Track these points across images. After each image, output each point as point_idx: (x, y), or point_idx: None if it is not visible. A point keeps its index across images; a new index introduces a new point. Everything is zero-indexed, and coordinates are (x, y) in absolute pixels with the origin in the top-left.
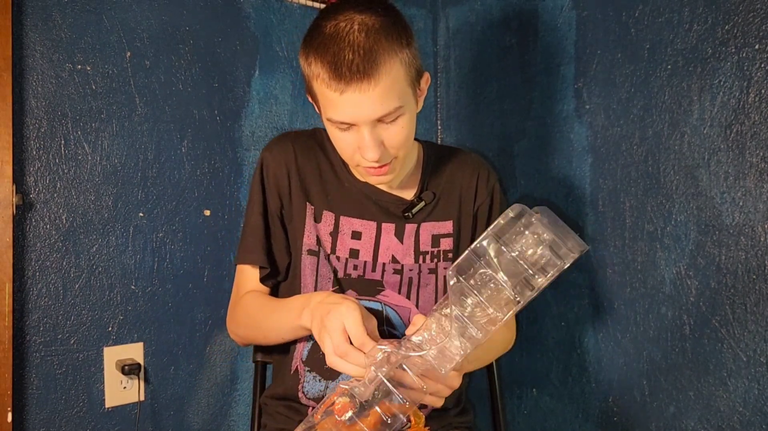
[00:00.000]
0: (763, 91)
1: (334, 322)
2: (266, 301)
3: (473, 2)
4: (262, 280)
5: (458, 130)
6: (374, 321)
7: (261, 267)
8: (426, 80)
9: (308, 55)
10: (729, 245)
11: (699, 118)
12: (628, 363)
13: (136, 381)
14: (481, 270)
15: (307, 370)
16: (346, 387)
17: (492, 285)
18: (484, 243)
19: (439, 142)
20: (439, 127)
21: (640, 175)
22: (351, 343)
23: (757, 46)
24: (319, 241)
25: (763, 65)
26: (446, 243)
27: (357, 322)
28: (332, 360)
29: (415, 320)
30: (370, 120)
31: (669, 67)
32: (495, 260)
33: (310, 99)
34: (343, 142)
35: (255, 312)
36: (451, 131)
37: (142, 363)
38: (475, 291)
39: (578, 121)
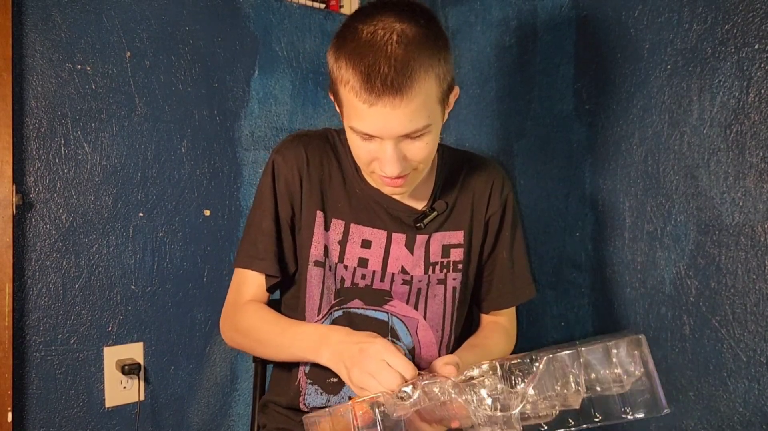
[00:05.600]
0: (763, 91)
1: (377, 365)
2: (273, 319)
3: (473, 2)
4: (269, 289)
5: (458, 130)
6: (402, 350)
7: (269, 276)
8: (455, 94)
9: (339, 58)
10: (729, 245)
11: (699, 118)
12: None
13: (136, 381)
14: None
15: (310, 383)
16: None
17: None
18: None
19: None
20: None
21: (640, 175)
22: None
23: (757, 46)
24: (326, 251)
25: (763, 65)
26: (456, 254)
27: (398, 356)
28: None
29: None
30: (395, 136)
31: (669, 66)
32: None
33: (332, 98)
34: (363, 151)
35: (261, 328)
36: (451, 131)
37: (142, 363)
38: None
39: (578, 121)
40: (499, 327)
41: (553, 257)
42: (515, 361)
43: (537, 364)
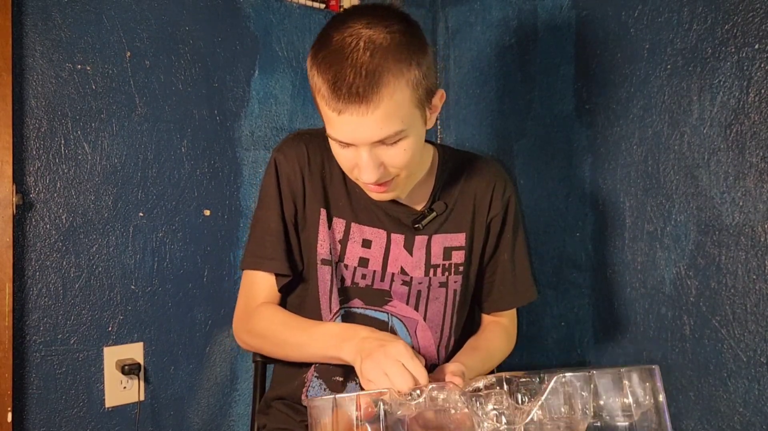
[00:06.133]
0: (763, 91)
1: (393, 365)
2: (291, 319)
3: (473, 2)
4: (280, 289)
5: (458, 130)
6: (423, 360)
7: (280, 275)
8: (440, 97)
9: (312, 66)
10: (729, 245)
11: (699, 118)
12: (628, 363)
13: (136, 381)
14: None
15: (315, 376)
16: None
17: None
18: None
19: (439, 141)
20: (439, 127)
21: (640, 175)
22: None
23: (757, 46)
24: (331, 250)
25: (763, 65)
26: (458, 256)
27: (415, 361)
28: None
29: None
30: (367, 143)
31: (669, 66)
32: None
33: (316, 105)
34: (342, 158)
35: (279, 329)
36: (451, 131)
37: (142, 363)
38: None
39: (578, 120)
40: (500, 327)
41: (553, 257)
42: (524, 379)
43: (546, 382)
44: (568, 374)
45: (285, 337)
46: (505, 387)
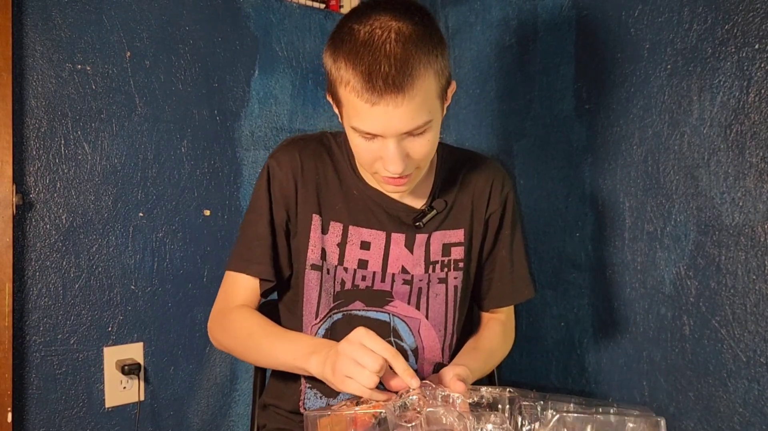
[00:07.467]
0: (763, 91)
1: (357, 349)
2: (266, 325)
3: (473, 2)
4: (263, 293)
5: (458, 130)
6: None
7: (264, 280)
8: (452, 89)
9: (337, 59)
10: (729, 245)
11: (699, 118)
12: (628, 363)
13: (136, 381)
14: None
15: (308, 387)
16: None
17: None
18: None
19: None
20: None
21: (640, 175)
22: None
23: (757, 46)
24: (324, 255)
25: (763, 65)
26: (457, 252)
27: (374, 337)
28: (370, 382)
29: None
30: (398, 133)
31: (669, 66)
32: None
33: (330, 99)
34: (365, 151)
35: (252, 333)
36: (451, 131)
37: (142, 363)
38: None
39: (578, 120)
40: (499, 325)
41: (553, 257)
42: (525, 402)
43: (546, 412)
44: (571, 415)
45: (257, 342)
46: (507, 406)
